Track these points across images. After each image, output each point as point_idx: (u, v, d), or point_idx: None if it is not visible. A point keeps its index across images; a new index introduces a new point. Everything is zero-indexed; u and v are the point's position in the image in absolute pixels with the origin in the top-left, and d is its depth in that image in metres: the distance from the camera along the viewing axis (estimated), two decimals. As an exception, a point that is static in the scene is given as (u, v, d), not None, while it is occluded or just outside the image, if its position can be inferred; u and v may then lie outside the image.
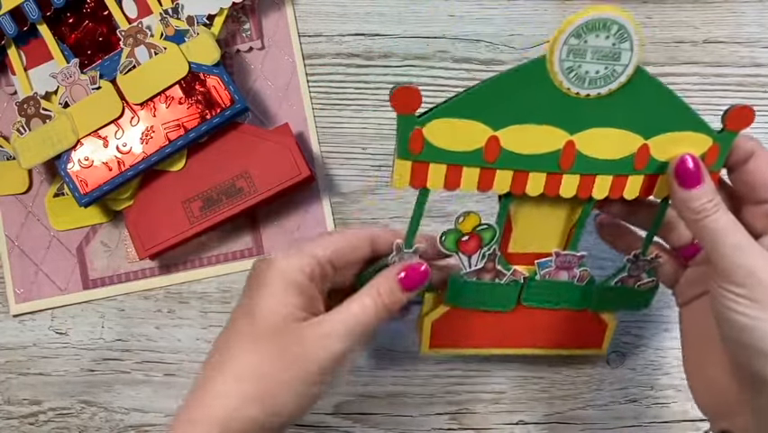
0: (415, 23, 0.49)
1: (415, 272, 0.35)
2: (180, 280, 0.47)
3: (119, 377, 0.47)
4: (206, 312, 0.47)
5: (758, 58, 0.49)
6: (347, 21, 0.49)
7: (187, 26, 0.44)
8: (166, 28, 0.44)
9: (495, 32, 0.49)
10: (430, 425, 0.47)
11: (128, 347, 0.47)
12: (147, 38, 0.44)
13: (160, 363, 0.47)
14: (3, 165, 0.47)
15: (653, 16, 0.49)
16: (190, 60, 0.44)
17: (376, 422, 0.47)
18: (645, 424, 0.47)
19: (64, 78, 0.44)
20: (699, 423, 0.47)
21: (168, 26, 0.44)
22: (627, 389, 0.47)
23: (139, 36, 0.44)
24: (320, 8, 0.49)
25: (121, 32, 0.44)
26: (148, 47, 0.44)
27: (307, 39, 0.48)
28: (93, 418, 0.47)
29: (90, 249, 0.47)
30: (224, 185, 0.45)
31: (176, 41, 0.44)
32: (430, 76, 0.48)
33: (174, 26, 0.44)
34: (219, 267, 0.47)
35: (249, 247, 0.47)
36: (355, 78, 0.48)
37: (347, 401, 0.47)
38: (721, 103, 0.48)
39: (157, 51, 0.44)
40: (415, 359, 0.47)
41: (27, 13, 0.44)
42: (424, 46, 0.48)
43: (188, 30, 0.44)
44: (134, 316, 0.47)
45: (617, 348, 0.47)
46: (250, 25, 0.48)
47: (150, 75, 0.44)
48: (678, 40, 0.49)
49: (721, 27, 0.49)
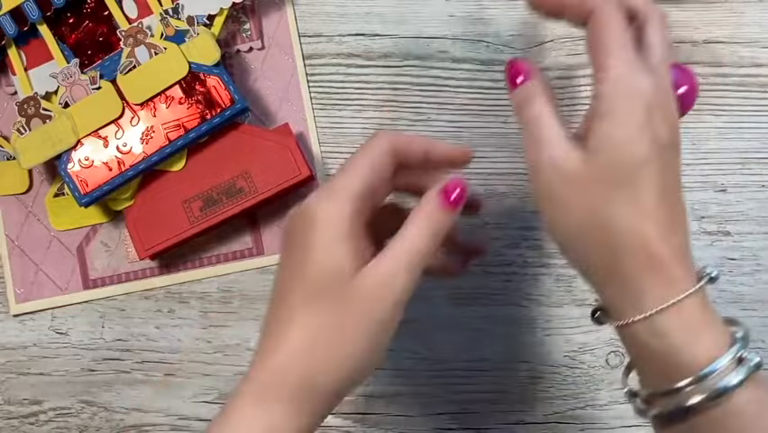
0: (415, 22, 0.49)
1: (454, 186, 0.33)
2: (180, 280, 0.47)
3: (119, 377, 0.47)
4: (206, 312, 0.47)
5: (758, 58, 0.49)
6: (347, 21, 0.49)
7: (187, 26, 0.44)
8: (166, 28, 0.44)
9: (495, 32, 0.49)
10: (430, 425, 0.47)
11: (128, 347, 0.47)
12: (147, 38, 0.44)
13: (160, 364, 0.47)
14: (3, 165, 0.47)
15: (653, 16, 0.49)
16: (190, 60, 0.44)
17: (376, 422, 0.47)
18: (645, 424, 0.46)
19: (64, 78, 0.44)
20: (698, 423, 0.47)
21: (168, 26, 0.44)
22: (627, 389, 0.47)
23: (139, 36, 0.44)
24: (320, 8, 0.49)
25: (121, 33, 0.44)
26: (148, 47, 0.44)
27: (307, 39, 0.48)
28: (93, 417, 0.47)
29: (90, 249, 0.47)
30: (224, 185, 0.45)
31: (176, 42, 0.44)
32: (430, 76, 0.48)
33: (174, 26, 0.44)
34: (219, 267, 0.47)
35: (249, 247, 0.48)
36: (355, 78, 0.48)
37: (347, 401, 0.47)
38: (721, 103, 0.49)
39: (157, 51, 0.44)
40: (415, 359, 0.47)
41: (27, 14, 0.44)
42: (424, 46, 0.48)
43: (189, 30, 0.44)
44: (134, 316, 0.47)
45: (616, 348, 0.47)
46: (250, 25, 0.48)
47: (151, 75, 0.44)
48: (678, 40, 0.49)
49: (721, 27, 0.49)
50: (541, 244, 0.48)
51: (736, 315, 0.46)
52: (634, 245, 0.29)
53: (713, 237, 0.48)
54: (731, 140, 0.48)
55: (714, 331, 0.29)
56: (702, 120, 0.48)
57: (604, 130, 0.30)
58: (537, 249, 0.48)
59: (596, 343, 0.47)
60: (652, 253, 0.29)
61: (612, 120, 0.30)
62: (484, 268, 0.47)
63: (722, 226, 0.48)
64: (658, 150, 0.30)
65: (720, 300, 0.47)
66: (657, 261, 0.29)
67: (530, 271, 0.48)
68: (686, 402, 0.28)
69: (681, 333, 0.29)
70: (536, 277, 0.48)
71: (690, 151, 0.48)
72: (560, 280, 0.47)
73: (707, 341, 0.29)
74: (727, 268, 0.48)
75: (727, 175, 0.48)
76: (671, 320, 0.29)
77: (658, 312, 0.29)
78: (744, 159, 0.48)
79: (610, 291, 0.31)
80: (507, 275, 0.48)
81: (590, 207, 0.30)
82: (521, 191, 0.48)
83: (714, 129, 0.48)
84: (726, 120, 0.49)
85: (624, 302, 0.30)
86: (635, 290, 0.29)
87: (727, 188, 0.48)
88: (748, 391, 0.28)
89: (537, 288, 0.48)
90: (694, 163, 0.48)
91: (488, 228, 0.47)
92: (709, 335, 0.29)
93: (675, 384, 0.29)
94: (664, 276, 0.29)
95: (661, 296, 0.29)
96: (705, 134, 0.48)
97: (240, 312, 0.47)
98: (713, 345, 0.29)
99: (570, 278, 0.47)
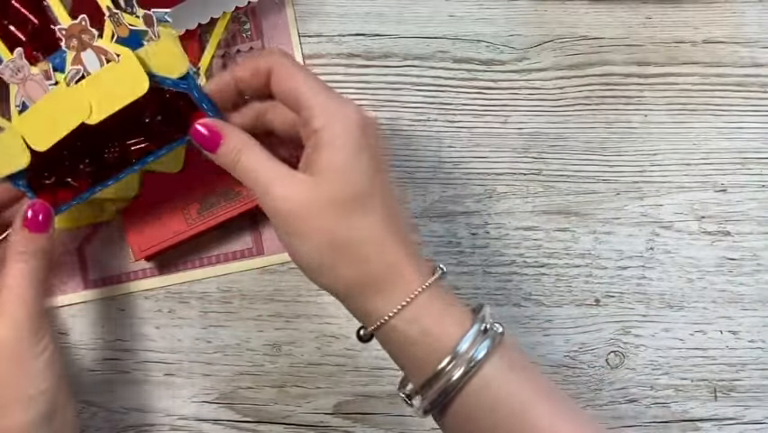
0: (415, 22, 0.49)
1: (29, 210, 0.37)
2: (180, 280, 0.47)
3: (119, 377, 0.47)
4: (206, 312, 0.47)
5: (758, 58, 0.49)
6: (347, 21, 0.49)
7: (143, 26, 0.35)
8: (117, 27, 0.35)
9: (495, 32, 0.49)
10: (430, 425, 0.46)
11: (128, 347, 0.47)
12: (94, 40, 0.35)
13: (160, 363, 0.47)
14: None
15: (653, 16, 0.49)
16: (151, 72, 0.35)
17: (376, 422, 0.47)
18: (645, 424, 0.47)
19: (12, 73, 0.35)
20: (698, 423, 0.47)
21: (119, 25, 0.35)
22: (627, 389, 0.47)
23: (84, 37, 0.35)
24: (320, 8, 0.49)
25: (61, 31, 0.35)
26: (97, 51, 0.35)
27: (307, 39, 0.48)
28: (93, 417, 0.47)
29: (90, 249, 0.47)
30: (223, 188, 0.45)
31: (131, 45, 0.35)
32: (430, 76, 0.48)
33: (127, 24, 0.35)
34: (219, 267, 0.47)
35: (249, 247, 0.48)
36: (355, 78, 0.48)
37: (347, 401, 0.47)
38: (721, 103, 0.49)
39: (109, 58, 0.35)
40: (415, 359, 0.47)
41: None
42: (424, 46, 0.48)
43: (147, 31, 0.35)
44: (134, 316, 0.47)
45: (617, 348, 0.47)
46: (250, 25, 0.48)
47: (105, 87, 0.35)
48: (678, 40, 0.49)
49: (721, 27, 0.49)
50: (541, 243, 0.48)
51: (735, 315, 0.46)
52: (376, 252, 0.33)
53: (713, 237, 0.48)
54: (731, 140, 0.48)
55: (458, 311, 0.33)
56: (702, 120, 0.48)
57: (325, 157, 0.33)
58: (537, 249, 0.48)
59: (596, 343, 0.47)
60: (392, 256, 0.33)
61: (332, 146, 0.33)
62: (484, 268, 0.47)
63: (722, 226, 0.48)
64: (377, 164, 0.33)
65: (720, 300, 0.47)
66: (398, 262, 0.33)
67: (530, 271, 0.48)
68: (451, 379, 0.32)
69: (430, 317, 0.33)
70: (536, 277, 0.48)
71: (690, 151, 0.48)
72: (560, 280, 0.48)
73: (453, 319, 0.33)
74: (727, 268, 0.48)
75: (727, 175, 0.48)
76: (420, 308, 0.33)
77: (408, 303, 0.32)
78: (744, 159, 0.48)
79: (364, 300, 0.33)
80: (507, 275, 0.48)
81: (328, 228, 0.33)
82: (521, 191, 0.48)
83: (714, 129, 0.48)
84: (727, 120, 0.49)
85: (379, 304, 0.33)
86: (386, 290, 0.33)
87: (727, 188, 0.48)
88: (498, 362, 0.32)
89: (537, 288, 0.48)
90: (694, 163, 0.48)
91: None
92: (455, 314, 0.33)
93: (438, 366, 0.32)
94: (408, 271, 0.33)
95: (408, 289, 0.33)
96: (705, 134, 0.48)
97: (240, 312, 0.47)
98: (459, 322, 0.33)
99: (570, 278, 0.47)
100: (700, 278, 0.47)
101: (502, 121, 0.48)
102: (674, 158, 0.48)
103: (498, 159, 0.48)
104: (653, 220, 0.48)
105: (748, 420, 0.47)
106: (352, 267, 0.33)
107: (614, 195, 0.48)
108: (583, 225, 0.48)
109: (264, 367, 0.47)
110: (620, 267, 0.48)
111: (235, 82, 0.37)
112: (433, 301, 0.33)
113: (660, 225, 0.48)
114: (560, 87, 0.48)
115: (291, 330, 0.47)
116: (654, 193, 0.48)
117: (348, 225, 0.32)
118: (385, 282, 0.33)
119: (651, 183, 0.48)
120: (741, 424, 0.47)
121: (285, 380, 0.47)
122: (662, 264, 0.48)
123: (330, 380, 0.47)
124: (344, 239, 0.33)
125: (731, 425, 0.47)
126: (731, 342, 0.47)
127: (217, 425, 0.47)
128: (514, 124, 0.48)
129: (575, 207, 0.48)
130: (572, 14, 0.49)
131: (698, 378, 0.47)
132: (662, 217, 0.48)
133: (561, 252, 0.48)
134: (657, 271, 0.48)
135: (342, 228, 0.32)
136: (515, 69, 0.48)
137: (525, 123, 0.48)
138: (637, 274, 0.48)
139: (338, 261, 0.33)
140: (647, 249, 0.48)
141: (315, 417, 0.46)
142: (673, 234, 0.48)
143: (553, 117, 0.48)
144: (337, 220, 0.32)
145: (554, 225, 0.48)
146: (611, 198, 0.48)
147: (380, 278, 0.33)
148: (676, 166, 0.48)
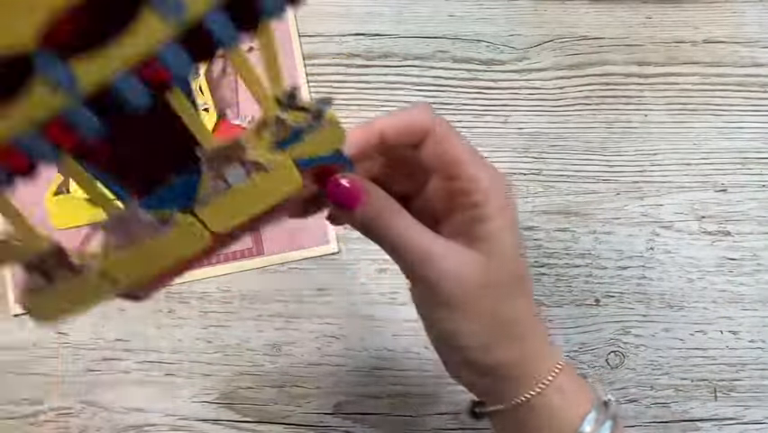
0: (415, 22, 0.49)
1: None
2: (180, 280, 0.47)
3: (119, 377, 0.47)
4: (206, 312, 0.47)
5: (758, 58, 0.49)
6: (347, 21, 0.49)
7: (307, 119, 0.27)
8: (280, 130, 0.27)
9: (495, 32, 0.49)
10: (430, 425, 0.47)
11: (128, 347, 0.47)
12: (245, 154, 0.26)
13: (160, 363, 0.47)
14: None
15: (653, 16, 0.49)
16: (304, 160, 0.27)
17: (376, 422, 0.47)
18: (645, 424, 0.47)
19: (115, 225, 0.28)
20: (698, 423, 0.47)
21: (284, 128, 0.27)
22: (627, 389, 0.47)
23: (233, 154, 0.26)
24: (320, 8, 0.49)
25: (202, 153, 0.25)
26: (246, 166, 0.26)
27: (307, 39, 0.48)
28: (93, 417, 0.47)
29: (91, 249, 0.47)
30: None
31: (286, 145, 0.27)
32: (430, 76, 0.48)
33: (291, 124, 0.27)
34: (219, 267, 0.47)
35: (249, 247, 0.48)
36: (355, 78, 0.48)
37: (347, 401, 0.47)
38: (721, 103, 0.49)
39: (260, 169, 0.26)
40: (415, 359, 0.47)
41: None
42: (424, 46, 0.48)
43: (312, 126, 0.28)
44: (134, 316, 0.47)
45: (617, 348, 0.47)
46: (250, 25, 0.48)
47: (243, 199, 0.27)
48: (678, 40, 0.49)
49: (721, 27, 0.49)
50: (541, 243, 0.48)
51: (735, 315, 0.46)
52: (530, 331, 0.33)
53: (713, 237, 0.48)
54: (731, 139, 0.48)
55: (585, 386, 0.33)
56: (702, 120, 0.48)
57: (495, 236, 0.31)
58: (537, 249, 0.48)
59: (596, 343, 0.47)
60: (541, 333, 0.33)
61: (499, 225, 0.31)
62: (484, 268, 0.47)
63: (722, 226, 0.48)
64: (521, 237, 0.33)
65: (720, 300, 0.47)
66: (545, 337, 0.33)
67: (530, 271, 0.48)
68: None
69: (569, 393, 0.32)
70: (536, 277, 0.48)
71: (691, 150, 0.48)
72: (560, 280, 0.47)
73: (585, 396, 0.33)
74: (727, 268, 0.48)
75: (728, 175, 0.48)
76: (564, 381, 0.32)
77: (553, 378, 0.32)
78: (744, 159, 0.48)
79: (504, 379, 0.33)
80: (507, 275, 0.48)
81: (495, 308, 0.32)
82: (521, 191, 0.48)
83: (714, 129, 0.48)
84: (727, 120, 0.49)
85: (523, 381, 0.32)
86: (535, 366, 0.32)
87: (728, 188, 0.48)
88: None
89: (537, 288, 0.48)
90: (694, 163, 0.48)
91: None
92: (585, 390, 0.33)
93: None
94: (548, 348, 0.33)
95: (550, 365, 0.32)
96: (705, 134, 0.48)
97: (240, 312, 0.47)
98: (587, 400, 0.32)
99: (570, 278, 0.47)
100: (701, 278, 0.47)
101: (502, 121, 0.48)
102: (674, 158, 0.48)
103: (498, 159, 0.48)
104: (654, 220, 0.48)
105: (748, 420, 0.47)
106: (513, 346, 0.32)
107: (614, 195, 0.48)
108: (583, 225, 0.48)
109: (264, 367, 0.47)
110: (620, 267, 0.48)
111: (381, 136, 0.32)
112: (570, 377, 0.33)
113: (660, 225, 0.48)
114: (560, 87, 0.48)
115: (291, 330, 0.47)
116: (654, 193, 0.48)
117: (512, 305, 0.32)
118: (536, 360, 0.33)
119: (651, 183, 0.48)
120: (741, 424, 0.47)
121: (285, 380, 0.47)
122: (663, 264, 0.48)
123: (330, 380, 0.47)
124: (508, 319, 0.32)
125: (731, 425, 0.47)
126: (731, 342, 0.47)
127: (217, 425, 0.47)
128: (514, 124, 0.48)
129: (575, 207, 0.48)
130: (572, 14, 0.49)
131: (698, 378, 0.47)
132: (662, 217, 0.48)
133: (561, 252, 0.48)
134: (657, 271, 0.48)
135: (507, 308, 0.32)
136: (515, 69, 0.48)
137: (525, 123, 0.48)
138: (637, 274, 0.47)
139: (502, 340, 0.32)
140: (647, 249, 0.48)
141: (315, 417, 0.46)
142: (673, 234, 0.48)
143: (553, 117, 0.48)
144: (504, 300, 0.32)
145: (554, 225, 0.48)
146: (611, 197, 0.48)
147: (532, 356, 0.33)
148: (676, 166, 0.48)
